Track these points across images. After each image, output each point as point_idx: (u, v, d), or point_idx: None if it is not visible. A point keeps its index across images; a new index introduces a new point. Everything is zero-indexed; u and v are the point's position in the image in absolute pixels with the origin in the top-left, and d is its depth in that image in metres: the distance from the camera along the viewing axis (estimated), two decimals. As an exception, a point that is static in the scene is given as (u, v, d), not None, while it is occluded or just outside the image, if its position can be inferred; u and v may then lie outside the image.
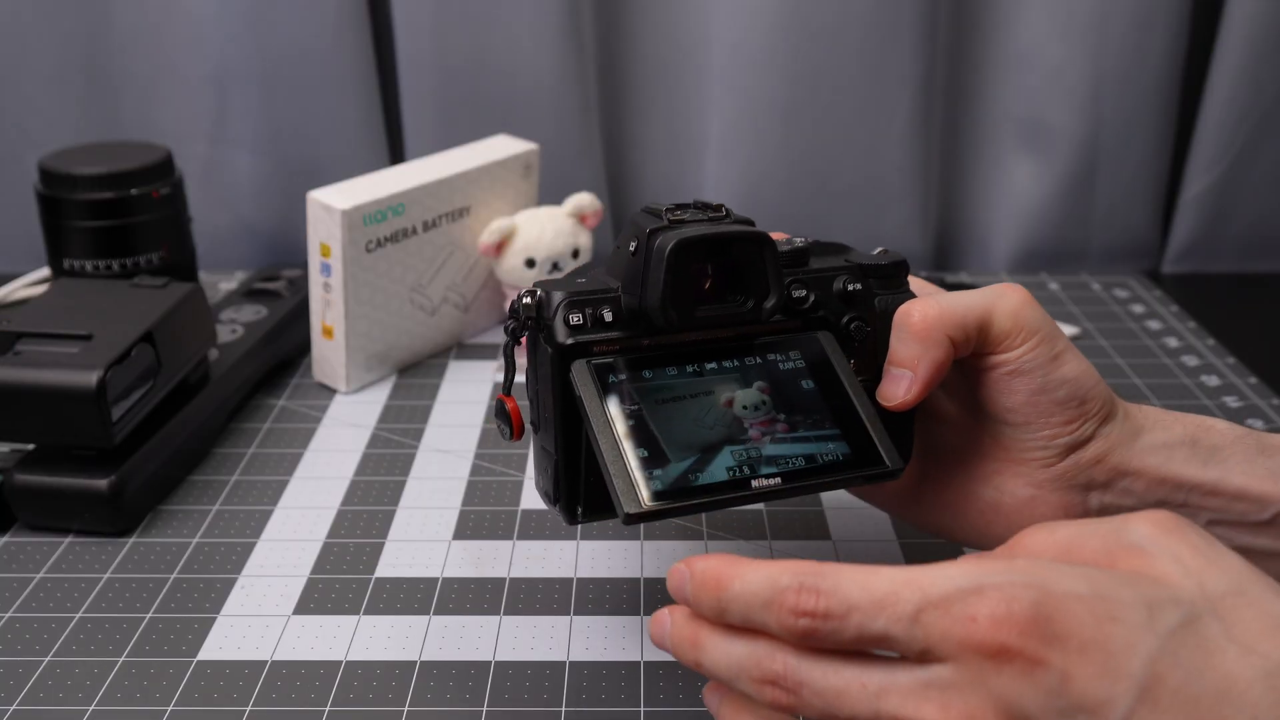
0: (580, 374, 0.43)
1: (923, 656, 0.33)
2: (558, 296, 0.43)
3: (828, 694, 0.34)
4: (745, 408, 0.43)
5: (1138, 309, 0.86)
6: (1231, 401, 0.71)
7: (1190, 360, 0.77)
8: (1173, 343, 0.80)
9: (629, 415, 0.42)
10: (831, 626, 0.33)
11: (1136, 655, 0.31)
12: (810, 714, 0.34)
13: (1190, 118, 0.92)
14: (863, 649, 0.34)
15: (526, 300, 0.44)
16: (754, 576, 0.35)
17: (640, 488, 0.40)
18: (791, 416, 0.44)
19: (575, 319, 0.43)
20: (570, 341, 0.43)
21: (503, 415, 0.47)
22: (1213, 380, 0.74)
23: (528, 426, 0.48)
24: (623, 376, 0.43)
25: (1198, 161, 0.92)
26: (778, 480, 0.42)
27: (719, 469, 0.41)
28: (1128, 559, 0.33)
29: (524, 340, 0.46)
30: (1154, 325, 0.83)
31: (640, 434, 0.42)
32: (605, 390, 0.42)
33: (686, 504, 0.41)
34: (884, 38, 0.87)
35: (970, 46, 0.92)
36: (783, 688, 0.34)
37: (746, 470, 0.42)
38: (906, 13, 0.86)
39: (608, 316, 0.44)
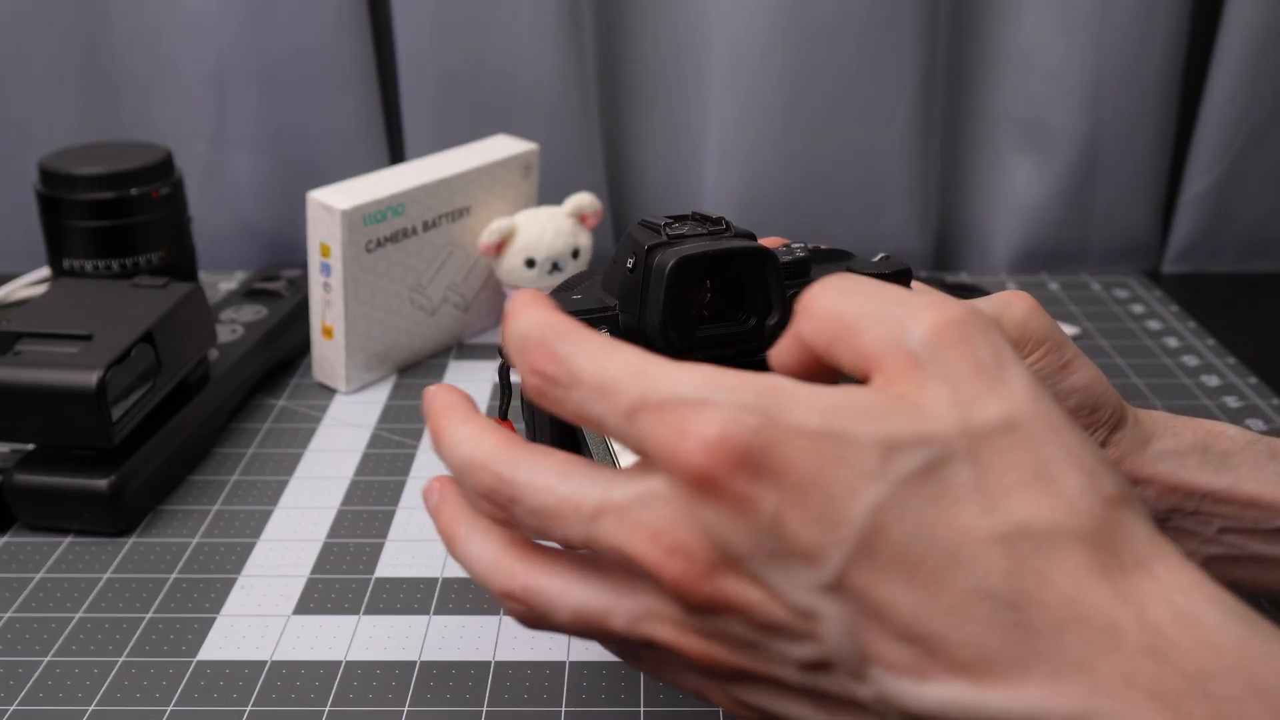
0: None
1: (641, 457, 0.31)
2: None
3: (540, 514, 0.32)
4: None
5: (1138, 309, 0.86)
6: (1231, 401, 0.71)
7: (1190, 360, 0.77)
8: (1173, 343, 0.80)
9: None
10: (556, 394, 0.32)
11: (858, 503, 0.28)
12: (526, 527, 0.33)
13: (1190, 118, 0.93)
14: (585, 427, 0.32)
15: None
16: (524, 321, 0.33)
17: None
18: None
19: None
20: None
21: None
22: (1213, 380, 0.74)
23: None
24: None
25: (1198, 161, 0.92)
26: None
27: None
28: (897, 371, 0.30)
29: None
30: (1154, 325, 0.83)
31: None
32: None
33: None
34: (884, 37, 0.87)
35: (970, 46, 0.92)
36: (495, 502, 0.33)
37: None
38: (906, 12, 0.87)
39: None
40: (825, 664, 0.29)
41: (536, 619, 0.33)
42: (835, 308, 0.32)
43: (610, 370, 0.31)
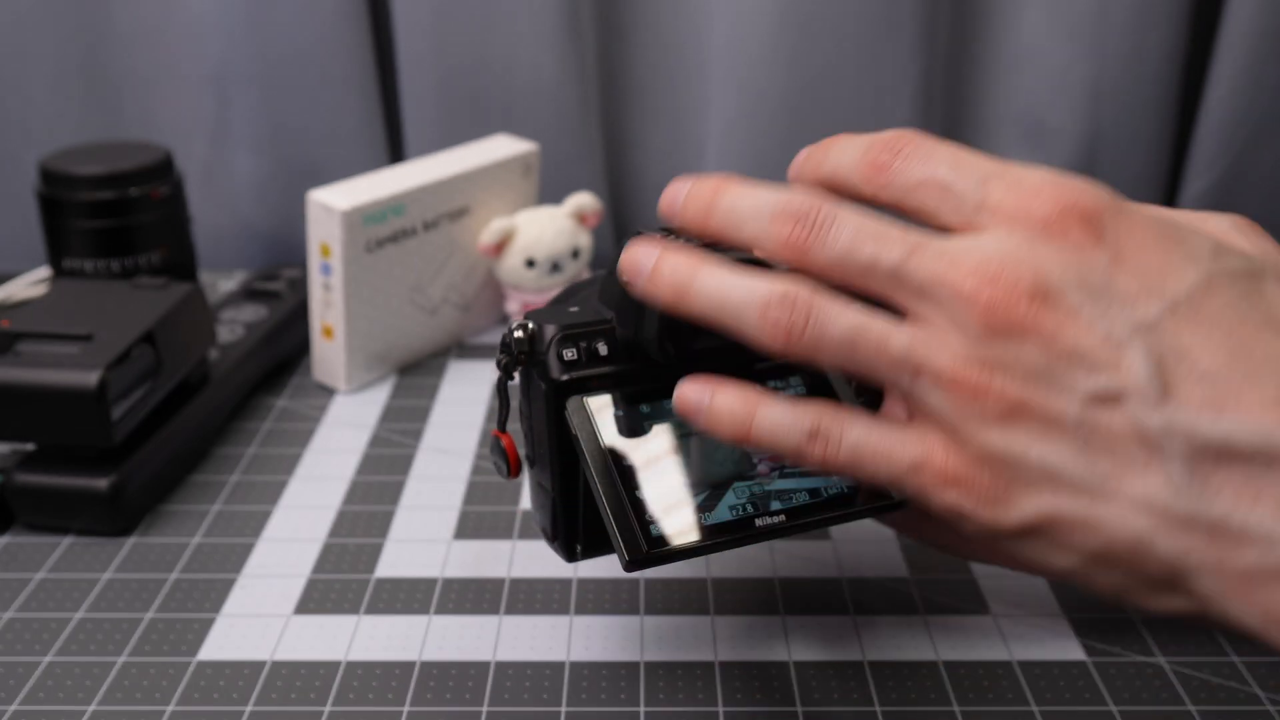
0: (576, 411, 0.41)
1: (973, 218, 0.34)
2: (550, 330, 0.42)
3: (862, 232, 0.34)
4: None
5: (1138, 309, 0.86)
6: (1231, 401, 0.71)
7: (1190, 360, 0.77)
8: (1173, 343, 0.80)
9: (628, 454, 0.41)
10: (899, 164, 0.35)
11: (1190, 270, 0.32)
12: (827, 252, 0.34)
13: (1190, 118, 0.92)
14: (922, 201, 0.35)
15: (518, 334, 0.42)
16: (853, 141, 0.37)
17: (640, 533, 0.39)
18: None
19: (569, 354, 0.42)
20: (565, 378, 0.41)
21: (498, 451, 0.46)
22: (1213, 380, 0.74)
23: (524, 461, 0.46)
24: (620, 412, 0.42)
25: (1198, 161, 0.92)
26: (782, 518, 0.41)
27: (724, 509, 0.40)
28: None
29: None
30: (1154, 325, 0.83)
31: (641, 473, 0.40)
32: (602, 428, 0.41)
33: (689, 547, 0.40)
34: (884, 37, 0.87)
35: (970, 46, 0.92)
36: (811, 222, 0.35)
37: (751, 508, 0.41)
38: (906, 12, 0.87)
39: (603, 350, 0.42)
40: (1117, 396, 0.31)
41: (805, 325, 0.34)
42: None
43: (965, 152, 0.35)
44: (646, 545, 0.39)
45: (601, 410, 0.42)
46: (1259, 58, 0.87)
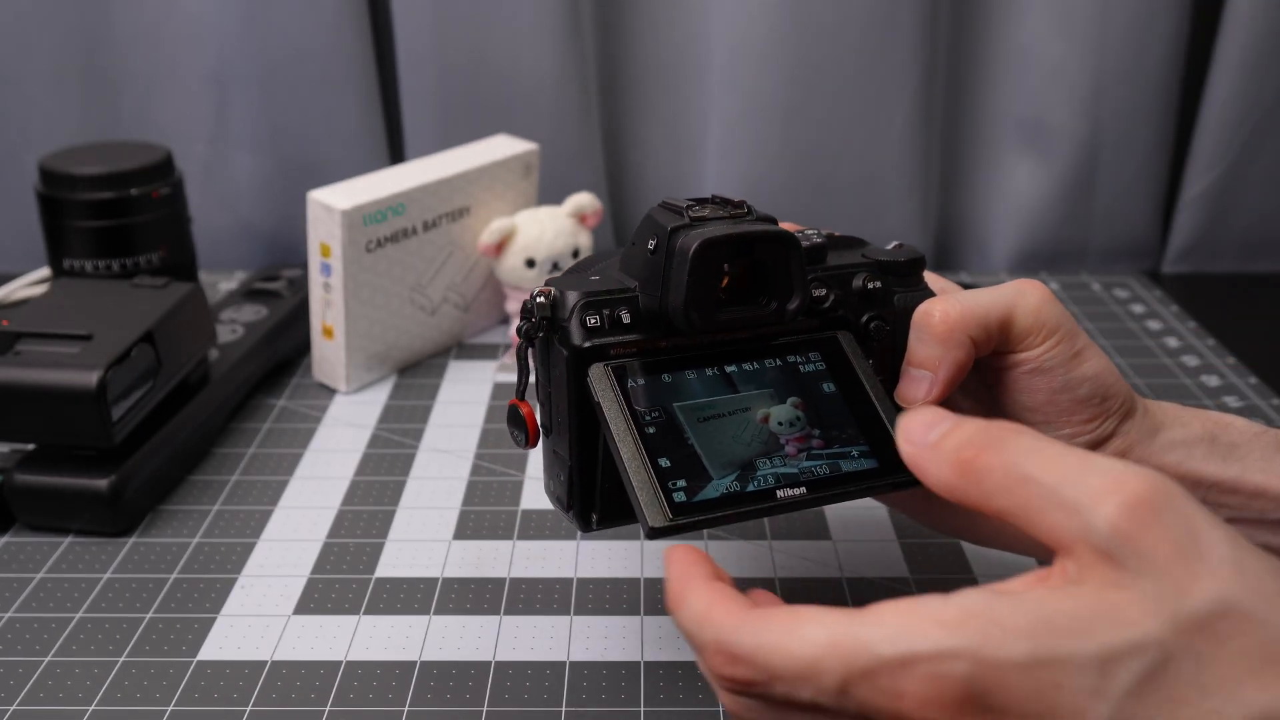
0: (598, 378, 0.41)
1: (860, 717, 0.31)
2: (573, 297, 0.41)
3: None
4: (781, 424, 0.42)
5: (1138, 309, 0.86)
6: (1232, 401, 0.71)
7: (1190, 360, 0.77)
8: (1173, 343, 0.80)
9: (651, 423, 0.40)
10: (758, 691, 0.32)
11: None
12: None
13: (1190, 118, 0.92)
14: (797, 712, 0.32)
15: (540, 299, 0.42)
16: (690, 611, 0.34)
17: (665, 500, 0.39)
18: (825, 431, 0.42)
19: (592, 320, 0.41)
20: (587, 344, 0.41)
21: (516, 421, 0.45)
22: (1213, 380, 0.74)
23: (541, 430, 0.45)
24: (641, 381, 0.41)
25: (1198, 161, 0.92)
26: (803, 490, 0.40)
27: (746, 481, 0.40)
28: (1090, 563, 0.30)
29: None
30: (1154, 325, 0.83)
31: (664, 443, 0.40)
32: (625, 395, 0.41)
33: (712, 516, 0.39)
34: (884, 37, 0.87)
35: (970, 46, 0.92)
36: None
37: (773, 480, 0.40)
38: (906, 12, 0.87)
39: (625, 318, 0.42)
40: None
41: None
42: (1017, 475, 0.31)
43: (804, 653, 0.31)
44: (670, 512, 0.39)
45: (624, 378, 0.41)
46: (1259, 58, 0.87)
